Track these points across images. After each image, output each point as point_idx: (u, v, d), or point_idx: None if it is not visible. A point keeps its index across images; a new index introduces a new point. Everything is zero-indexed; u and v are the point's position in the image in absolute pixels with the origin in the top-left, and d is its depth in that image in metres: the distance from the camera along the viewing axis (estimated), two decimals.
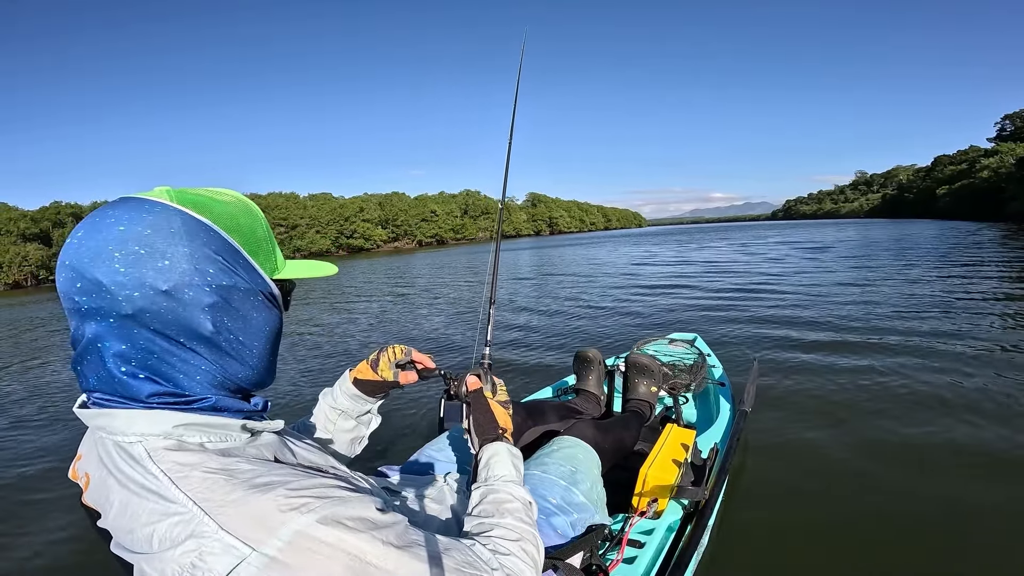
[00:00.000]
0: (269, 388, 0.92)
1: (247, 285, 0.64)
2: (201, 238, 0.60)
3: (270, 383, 0.74)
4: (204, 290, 0.59)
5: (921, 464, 2.33)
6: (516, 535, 0.75)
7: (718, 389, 2.32)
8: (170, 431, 0.58)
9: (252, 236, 0.66)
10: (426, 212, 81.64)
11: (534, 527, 0.80)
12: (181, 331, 0.59)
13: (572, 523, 1.15)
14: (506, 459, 0.90)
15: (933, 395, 3.09)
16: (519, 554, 0.72)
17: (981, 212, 45.35)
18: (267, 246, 0.69)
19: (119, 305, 0.56)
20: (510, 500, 0.82)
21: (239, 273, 0.63)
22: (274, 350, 0.72)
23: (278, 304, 0.71)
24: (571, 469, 1.27)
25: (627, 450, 1.66)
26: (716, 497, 1.50)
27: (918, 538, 1.84)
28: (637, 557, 1.26)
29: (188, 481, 0.54)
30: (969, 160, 61.92)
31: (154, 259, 0.56)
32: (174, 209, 0.59)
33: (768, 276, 9.90)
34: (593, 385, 2.08)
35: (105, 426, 0.59)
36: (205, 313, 0.60)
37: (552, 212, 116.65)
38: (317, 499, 0.54)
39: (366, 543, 0.54)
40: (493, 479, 0.86)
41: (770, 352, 4.24)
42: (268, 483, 0.55)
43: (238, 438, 0.63)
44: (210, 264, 0.60)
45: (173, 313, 0.58)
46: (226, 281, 0.61)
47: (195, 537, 0.51)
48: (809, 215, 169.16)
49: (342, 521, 0.54)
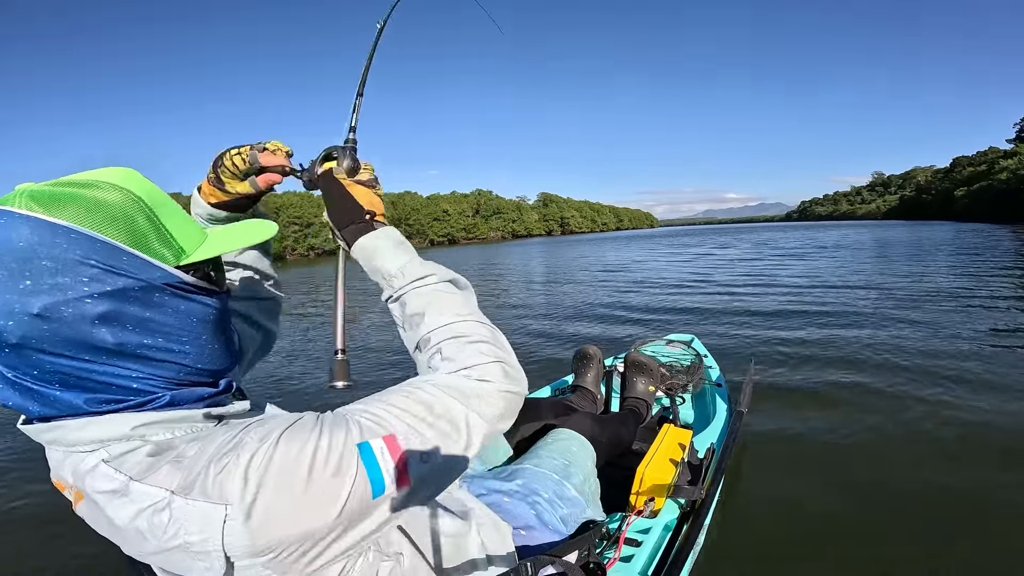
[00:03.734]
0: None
1: (142, 283, 0.54)
2: (61, 244, 0.49)
3: (231, 367, 0.66)
4: (85, 303, 0.50)
5: (919, 463, 2.32)
6: (453, 334, 0.70)
7: (715, 390, 2.33)
8: (129, 433, 0.55)
9: (132, 226, 0.54)
10: (438, 211, 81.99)
11: (472, 313, 0.74)
12: (81, 349, 0.51)
13: (563, 518, 1.15)
14: (388, 247, 0.78)
15: (933, 396, 3.07)
16: (465, 356, 0.68)
17: (1000, 214, 44.61)
18: (158, 231, 0.56)
19: (1, 336, 0.49)
20: (429, 299, 0.73)
21: (125, 272, 0.52)
22: (216, 336, 0.62)
23: (199, 289, 0.59)
24: (564, 463, 1.27)
25: (624, 446, 1.67)
26: (712, 496, 1.50)
27: (915, 537, 1.83)
28: (634, 555, 1.26)
29: (149, 474, 0.53)
30: (988, 161, 60.97)
31: (13, 281, 0.48)
32: (20, 216, 0.49)
33: (768, 277, 9.87)
34: (591, 382, 2.08)
35: (59, 439, 0.55)
36: (97, 327, 0.51)
37: (564, 212, 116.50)
38: (248, 436, 0.54)
39: (307, 443, 0.54)
40: (394, 279, 0.76)
41: (767, 353, 4.23)
42: (209, 450, 0.54)
43: (204, 427, 0.59)
44: (82, 272, 0.50)
45: (60, 334, 0.50)
46: (110, 286, 0.51)
47: (175, 518, 0.51)
48: (825, 216, 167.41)
49: (274, 439, 0.54)
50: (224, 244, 0.62)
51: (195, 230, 0.61)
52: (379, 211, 0.82)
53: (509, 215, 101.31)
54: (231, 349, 0.66)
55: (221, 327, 0.63)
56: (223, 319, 0.64)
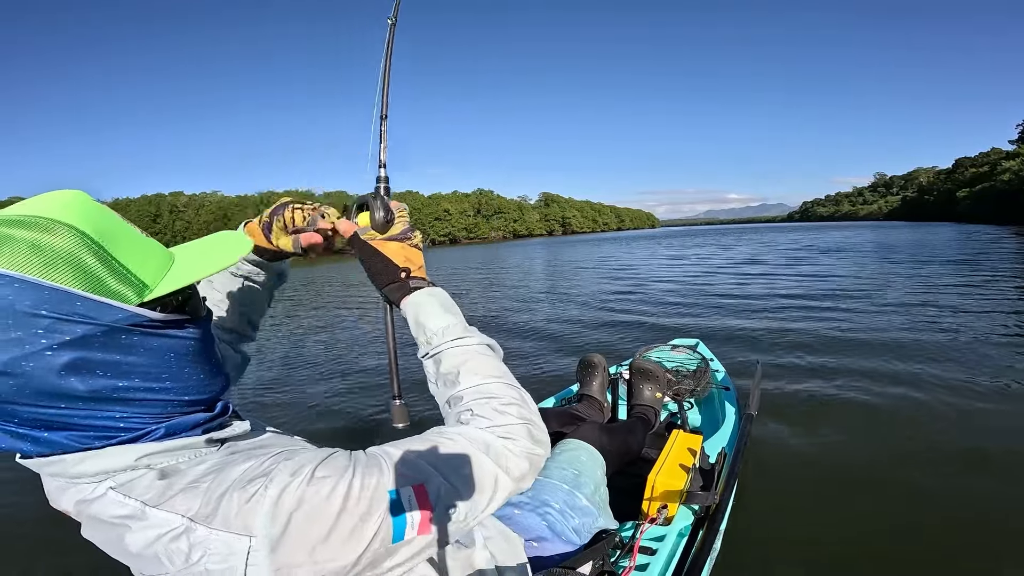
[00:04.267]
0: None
1: (103, 327, 0.49)
2: (5, 296, 0.44)
3: (222, 391, 0.62)
4: (46, 355, 0.46)
5: (937, 464, 2.31)
6: (486, 394, 0.70)
7: (722, 393, 2.30)
8: (134, 464, 0.53)
9: (81, 267, 0.48)
10: (439, 211, 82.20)
11: (505, 373, 0.73)
12: (54, 399, 0.48)
13: (575, 528, 1.13)
14: (431, 307, 0.77)
15: (946, 399, 3.05)
16: (495, 413, 0.68)
17: (1002, 215, 44.62)
18: (111, 267, 0.50)
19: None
20: (465, 358, 0.73)
21: (84, 319, 0.47)
22: (198, 366, 0.58)
23: (169, 323, 0.54)
24: (574, 473, 1.25)
25: (633, 454, 1.64)
26: (727, 502, 1.48)
27: (932, 542, 1.81)
28: (650, 564, 1.25)
29: (164, 500, 0.52)
30: (991, 162, 60.99)
31: None
32: None
33: (767, 278, 9.89)
34: (597, 391, 2.05)
35: (61, 472, 0.52)
36: (65, 377, 0.47)
37: (565, 212, 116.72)
38: (277, 468, 0.53)
39: (339, 484, 0.53)
40: (434, 338, 0.75)
41: (774, 354, 4.22)
42: (232, 476, 0.53)
43: (206, 452, 0.58)
44: (35, 323, 0.45)
45: (29, 387, 0.46)
46: (69, 336, 0.47)
47: (197, 545, 0.50)
48: (826, 217, 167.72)
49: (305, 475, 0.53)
50: (191, 272, 0.56)
51: (157, 258, 0.55)
52: (415, 265, 0.81)
53: (510, 215, 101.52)
54: (219, 372, 0.61)
55: (204, 355, 0.58)
56: (204, 346, 0.59)
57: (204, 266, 0.57)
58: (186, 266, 0.56)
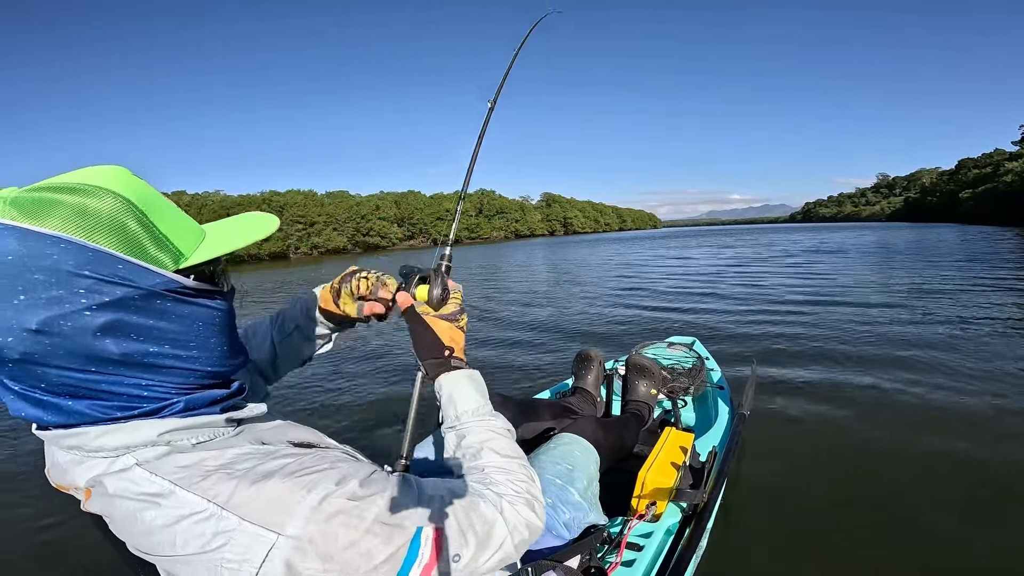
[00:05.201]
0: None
1: (142, 291, 0.52)
2: (51, 256, 0.47)
3: (242, 364, 0.66)
4: (85, 315, 0.48)
5: (926, 469, 2.32)
6: (505, 469, 0.74)
7: (717, 392, 2.31)
8: (156, 439, 0.55)
9: (124, 231, 0.51)
10: (441, 211, 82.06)
11: (520, 455, 0.78)
12: (86, 362, 0.50)
13: (566, 523, 1.15)
14: (467, 388, 0.83)
15: (938, 403, 3.06)
16: (512, 490, 0.71)
17: (1005, 216, 44.40)
18: (153, 235, 0.54)
19: (2, 353, 0.48)
20: (488, 438, 0.78)
21: (124, 281, 0.50)
22: (223, 338, 0.61)
23: (201, 292, 0.58)
24: (567, 467, 1.27)
25: (626, 451, 1.66)
26: (715, 500, 1.49)
27: (918, 544, 1.82)
28: (636, 560, 1.25)
29: (194, 482, 0.53)
30: (994, 163, 60.68)
31: (6, 296, 0.46)
32: (4, 228, 0.46)
33: (766, 279, 9.85)
34: (591, 384, 2.07)
35: (80, 445, 0.54)
36: (100, 338, 0.50)
37: (567, 212, 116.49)
38: (320, 475, 0.56)
39: (374, 505, 0.57)
40: (464, 416, 0.80)
41: (769, 355, 4.21)
42: (271, 470, 0.55)
43: (225, 431, 0.61)
44: (77, 283, 0.48)
45: (63, 348, 0.48)
46: (108, 297, 0.49)
47: (221, 533, 0.51)
48: (829, 218, 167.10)
49: (348, 491, 0.56)
50: (224, 245, 0.60)
51: (192, 230, 0.59)
52: (458, 346, 0.87)
53: (512, 215, 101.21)
54: (240, 348, 0.66)
55: (228, 327, 0.62)
56: (228, 320, 0.62)
57: (234, 240, 0.61)
58: (218, 239, 0.61)
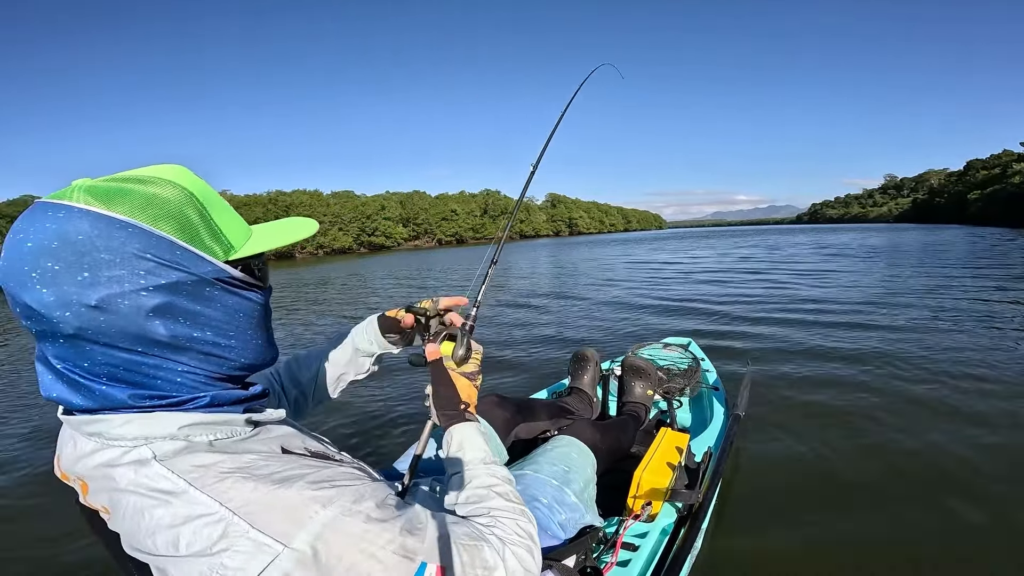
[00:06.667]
0: None
1: (194, 277, 0.57)
2: (118, 238, 0.52)
3: (272, 360, 0.69)
4: (141, 295, 0.53)
5: (920, 471, 2.31)
6: (509, 515, 0.76)
7: (712, 393, 2.32)
8: (176, 433, 0.56)
9: (185, 221, 0.56)
10: (446, 211, 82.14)
11: (522, 503, 0.81)
12: (135, 341, 0.54)
13: (562, 523, 1.16)
14: (478, 440, 0.87)
15: (934, 403, 3.06)
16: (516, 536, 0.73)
17: (1014, 217, 44.04)
18: (209, 226, 0.59)
19: (57, 327, 0.51)
20: (494, 483, 0.81)
21: (180, 266, 0.55)
22: (259, 331, 0.66)
23: (245, 285, 0.63)
24: (564, 469, 1.28)
25: (623, 452, 1.67)
26: (710, 501, 1.51)
27: (913, 545, 1.83)
28: (631, 560, 1.27)
29: (208, 483, 0.53)
30: (1002, 164, 60.20)
31: (72, 273, 0.50)
32: (78, 211, 0.51)
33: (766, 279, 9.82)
34: (587, 384, 2.08)
35: (102, 431, 0.56)
36: (151, 319, 0.54)
37: (572, 213, 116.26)
38: (338, 491, 0.56)
39: (387, 531, 0.57)
40: (472, 463, 0.84)
41: (765, 356, 4.21)
42: (288, 478, 0.55)
43: (243, 432, 0.62)
44: (139, 265, 0.53)
45: (116, 326, 0.53)
46: (164, 280, 0.54)
47: (226, 537, 0.51)
48: (836, 219, 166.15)
49: (364, 512, 0.56)
50: (269, 241, 0.65)
51: (242, 226, 0.64)
52: (472, 403, 0.94)
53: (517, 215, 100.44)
54: (273, 344, 0.69)
55: (264, 322, 0.67)
56: (265, 314, 0.67)
57: (279, 238, 0.66)
58: (264, 237, 0.66)
